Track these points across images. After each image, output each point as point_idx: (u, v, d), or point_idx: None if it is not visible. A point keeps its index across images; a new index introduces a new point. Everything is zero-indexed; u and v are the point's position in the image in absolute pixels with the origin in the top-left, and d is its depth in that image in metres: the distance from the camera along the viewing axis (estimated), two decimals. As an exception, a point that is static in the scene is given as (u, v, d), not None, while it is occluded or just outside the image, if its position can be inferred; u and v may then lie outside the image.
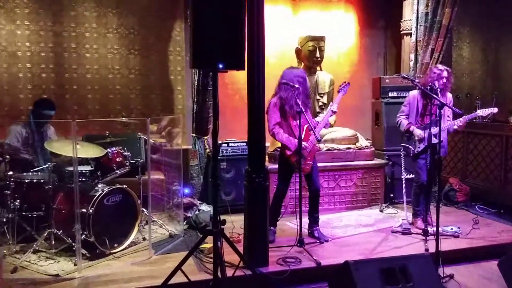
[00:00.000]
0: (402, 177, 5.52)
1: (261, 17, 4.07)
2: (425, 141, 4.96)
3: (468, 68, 8.09)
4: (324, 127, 4.92)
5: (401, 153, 5.45)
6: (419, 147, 5.05)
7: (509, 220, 5.50)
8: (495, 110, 4.97)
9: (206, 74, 5.70)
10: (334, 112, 4.83)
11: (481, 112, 4.91)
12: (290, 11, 7.09)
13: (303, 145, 4.50)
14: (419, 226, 5.06)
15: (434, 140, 4.51)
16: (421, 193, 5.09)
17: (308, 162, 4.66)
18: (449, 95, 5.15)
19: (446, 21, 6.53)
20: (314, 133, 4.62)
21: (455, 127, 4.96)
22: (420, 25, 6.67)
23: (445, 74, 5.02)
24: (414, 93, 5.25)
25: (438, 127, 4.41)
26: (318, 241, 4.73)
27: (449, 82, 5.06)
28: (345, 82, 5.05)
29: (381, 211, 5.92)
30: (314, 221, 4.87)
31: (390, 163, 6.24)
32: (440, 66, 5.13)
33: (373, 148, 6.40)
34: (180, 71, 6.55)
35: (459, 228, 4.96)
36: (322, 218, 5.18)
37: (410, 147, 5.14)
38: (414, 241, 4.73)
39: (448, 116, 5.08)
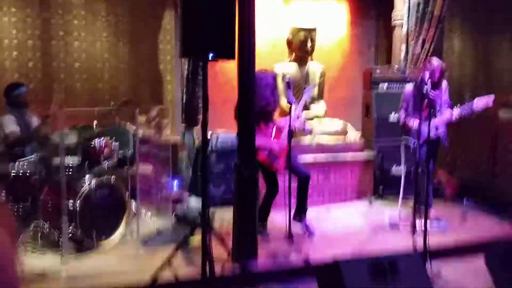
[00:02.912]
0: (401, 168, 5.44)
1: (252, 6, 4.02)
2: (423, 135, 5.01)
3: (458, 59, 8.07)
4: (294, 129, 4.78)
5: (401, 145, 5.36)
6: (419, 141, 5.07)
7: (497, 214, 5.51)
8: (491, 97, 4.87)
9: (196, 63, 5.63)
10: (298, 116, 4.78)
11: (478, 101, 4.85)
12: (281, 1, 7.02)
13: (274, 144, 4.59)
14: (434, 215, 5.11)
15: (432, 133, 4.64)
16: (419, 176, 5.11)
17: (281, 160, 4.64)
18: (444, 83, 5.11)
19: (438, 11, 6.50)
20: (304, 126, 4.63)
21: (453, 118, 4.94)
22: (412, 16, 6.63)
23: (438, 69, 4.98)
24: (409, 88, 5.27)
25: (433, 120, 4.61)
26: (306, 232, 4.72)
27: (443, 76, 5.04)
28: (309, 85, 5.21)
29: (370, 203, 5.93)
30: (303, 210, 4.84)
31: (380, 154, 6.22)
32: (434, 62, 5.06)
33: (363, 140, 6.38)
34: (170, 60, 6.47)
35: (447, 222, 4.98)
36: (311, 211, 5.17)
37: (411, 139, 5.10)
38: (402, 235, 4.74)
39: (446, 106, 5.06)
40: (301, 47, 6.45)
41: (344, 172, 6.11)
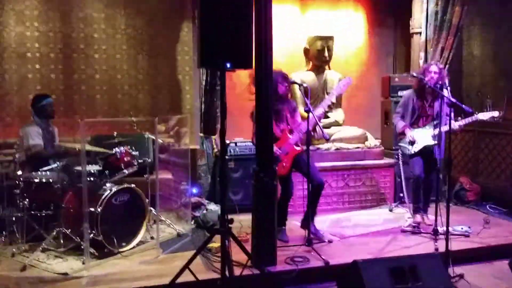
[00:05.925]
0: (402, 176, 5.65)
1: (268, 16, 4.05)
2: (419, 144, 4.99)
3: (479, 66, 7.98)
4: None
5: (399, 153, 5.52)
6: (415, 148, 5.03)
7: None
8: (495, 113, 4.88)
9: (214, 73, 5.70)
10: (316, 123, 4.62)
11: (481, 116, 4.81)
12: (298, 11, 7.07)
13: (275, 150, 4.43)
14: (417, 220, 5.10)
15: (431, 142, 4.90)
16: (418, 188, 5.07)
17: (284, 164, 4.62)
18: (446, 92, 4.82)
19: (456, 19, 6.46)
20: (323, 132, 4.59)
21: (454, 129, 4.77)
22: (430, 24, 6.60)
23: (433, 68, 4.90)
24: (409, 93, 5.18)
25: (437, 129, 4.69)
26: (316, 238, 4.65)
27: (441, 78, 4.88)
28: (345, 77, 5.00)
29: (391, 210, 5.87)
30: (311, 218, 4.73)
31: (400, 162, 6.17)
32: (433, 68, 4.95)
33: (382, 147, 6.35)
34: (188, 71, 6.55)
35: (469, 227, 4.90)
36: (331, 217, 5.16)
37: (407, 147, 5.11)
38: (424, 240, 4.67)
39: (447, 116, 4.95)
40: (318, 56, 6.47)
41: (364, 178, 6.07)
